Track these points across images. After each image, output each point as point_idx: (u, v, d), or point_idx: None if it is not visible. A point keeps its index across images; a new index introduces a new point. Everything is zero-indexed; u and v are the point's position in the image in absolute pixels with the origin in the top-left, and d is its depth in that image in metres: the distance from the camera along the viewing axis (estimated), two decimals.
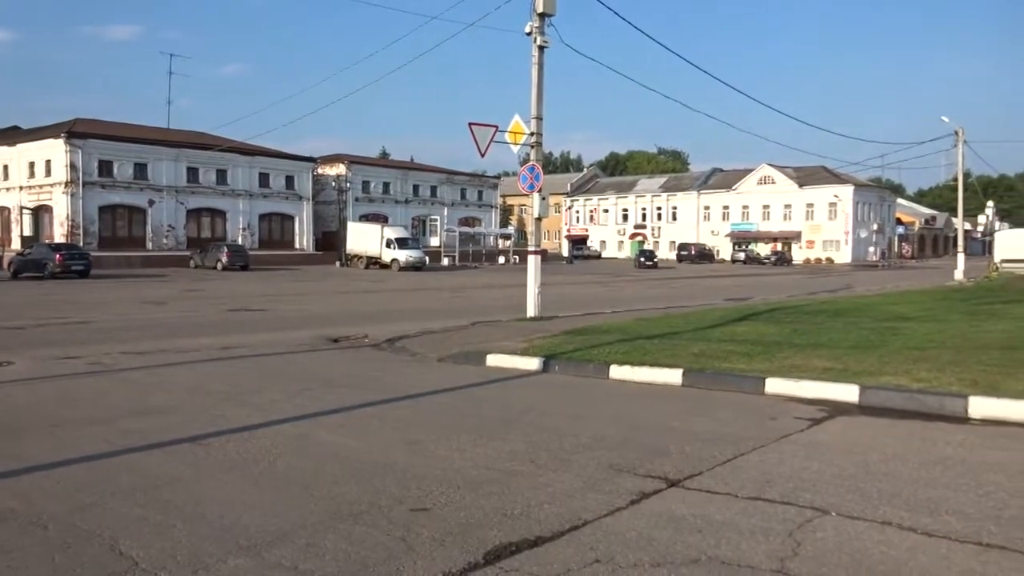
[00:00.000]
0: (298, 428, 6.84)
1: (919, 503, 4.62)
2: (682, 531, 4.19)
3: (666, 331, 13.08)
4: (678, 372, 8.97)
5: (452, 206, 74.78)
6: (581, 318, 16.44)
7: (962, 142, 41.50)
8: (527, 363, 10.30)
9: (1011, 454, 5.73)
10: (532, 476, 5.25)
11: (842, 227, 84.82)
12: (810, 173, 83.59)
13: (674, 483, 5.08)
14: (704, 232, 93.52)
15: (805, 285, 36.50)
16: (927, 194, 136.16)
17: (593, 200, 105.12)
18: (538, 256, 16.62)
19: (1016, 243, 45.56)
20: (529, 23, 15.76)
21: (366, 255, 53.54)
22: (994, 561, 3.76)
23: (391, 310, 21.13)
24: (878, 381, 8.00)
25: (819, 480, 5.11)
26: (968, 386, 7.57)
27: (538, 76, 15.91)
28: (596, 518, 4.40)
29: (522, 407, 7.73)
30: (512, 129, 16.05)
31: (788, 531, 4.18)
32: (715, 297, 26.23)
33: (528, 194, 16.57)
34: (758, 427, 6.71)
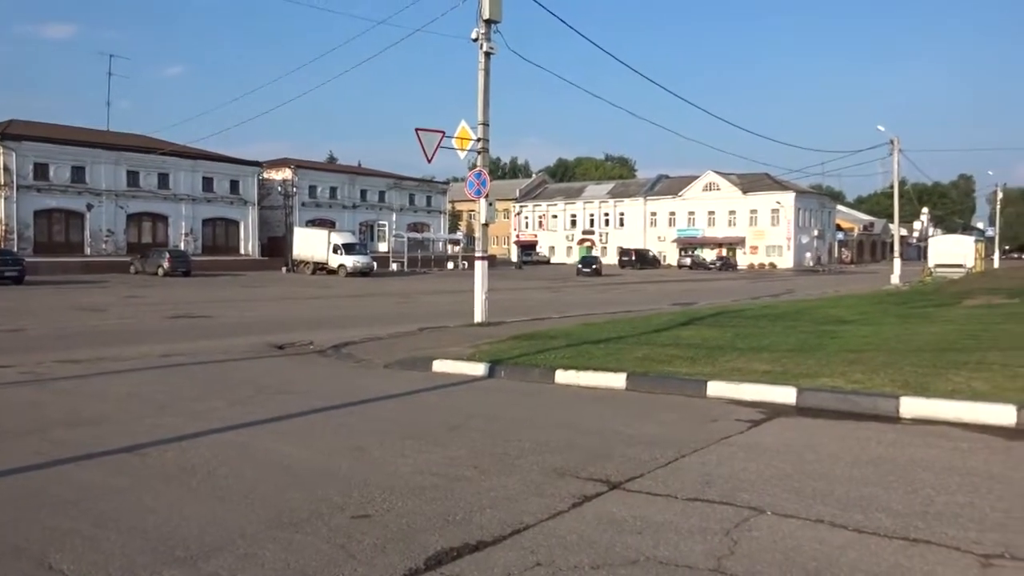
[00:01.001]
0: (240, 436, 6.73)
1: (851, 501, 4.75)
2: (622, 533, 4.24)
3: (612, 336, 13.21)
4: (622, 376, 9.07)
5: (400, 211, 74.35)
6: (528, 323, 16.52)
7: (897, 151, 42.84)
8: (473, 369, 10.30)
9: (938, 452, 5.92)
10: (475, 481, 5.25)
11: (784, 233, 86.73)
12: (754, 180, 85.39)
13: (616, 486, 5.13)
14: (651, 237, 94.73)
15: (749, 290, 37.22)
16: (866, 201, 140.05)
17: (542, 206, 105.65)
18: (485, 262, 16.65)
19: (948, 249, 47.25)
20: (475, 29, 15.81)
21: (313, 261, 52.95)
22: (920, 555, 3.89)
23: (338, 316, 20.93)
24: (815, 383, 8.20)
25: (756, 480, 5.22)
26: (900, 387, 7.81)
27: (484, 82, 15.95)
28: (538, 522, 4.43)
29: (467, 413, 7.73)
30: (459, 135, 16.06)
31: (725, 530, 4.27)
32: (661, 302, 26.59)
33: (475, 200, 16.59)
34: (699, 429, 6.82)
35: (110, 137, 58.33)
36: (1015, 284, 24.03)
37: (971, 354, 9.79)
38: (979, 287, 24.58)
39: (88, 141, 54.02)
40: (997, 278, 30.55)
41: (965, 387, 7.66)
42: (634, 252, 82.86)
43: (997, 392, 7.36)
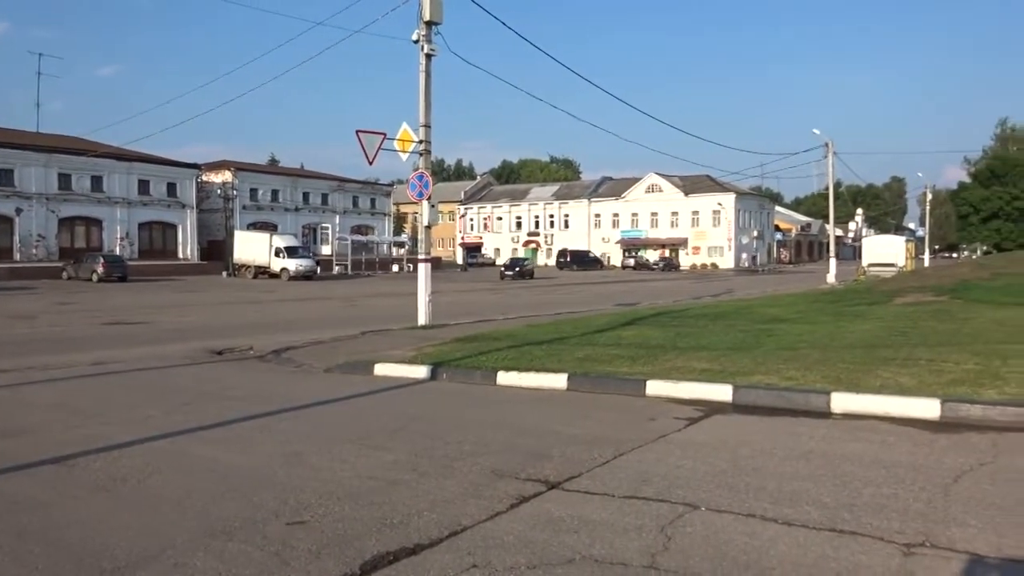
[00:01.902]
0: (174, 444, 6.58)
1: (782, 495, 4.86)
2: (559, 532, 4.27)
3: (554, 336, 13.29)
4: (563, 377, 9.13)
5: (344, 214, 73.58)
6: (472, 325, 16.51)
7: (832, 153, 44.04)
8: (415, 371, 10.26)
9: (866, 446, 6.11)
10: (414, 484, 5.23)
11: (725, 234, 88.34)
12: (695, 182, 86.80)
13: (554, 485, 5.17)
14: (596, 239, 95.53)
15: (691, 290, 37.81)
16: (803, 202, 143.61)
17: (487, 208, 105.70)
18: (428, 264, 16.60)
19: (881, 248, 48.69)
20: (416, 31, 15.76)
21: (254, 264, 52.08)
22: (845, 546, 4.01)
23: (279, 320, 20.61)
24: (751, 380, 8.38)
25: (692, 477, 5.31)
26: (832, 383, 8.02)
27: (426, 84, 15.91)
28: (476, 523, 4.43)
29: (408, 416, 7.70)
30: (401, 137, 15.99)
31: (660, 527, 4.33)
32: (605, 302, 26.83)
33: (418, 202, 16.53)
34: (638, 428, 6.91)
35: (40, 139, 56.48)
36: (943, 282, 24.89)
37: (899, 350, 10.11)
38: (909, 285, 25.39)
39: (16, 143, 52.15)
40: (926, 277, 31.60)
41: (893, 382, 7.91)
42: (570, 253, 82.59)
43: (922, 387, 7.62)
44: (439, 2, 15.67)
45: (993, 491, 4.87)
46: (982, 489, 4.91)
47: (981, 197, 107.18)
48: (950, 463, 5.52)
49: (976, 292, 20.21)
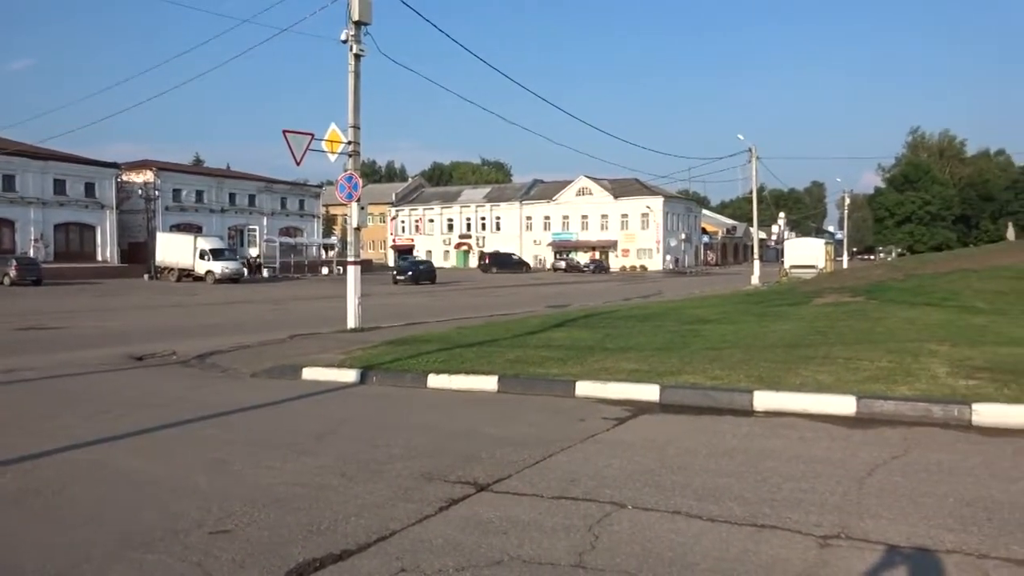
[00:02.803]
0: (91, 454, 6.35)
1: (707, 492, 4.98)
2: (488, 534, 4.28)
3: (486, 339, 13.31)
4: (494, 379, 9.16)
5: (272, 216, 72.17)
6: (403, 328, 16.41)
7: (755, 158, 45.27)
8: (344, 375, 10.14)
9: (787, 442, 6.30)
10: (342, 489, 5.17)
11: (654, 236, 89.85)
12: (624, 185, 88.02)
13: (483, 487, 5.18)
14: (527, 241, 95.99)
15: (620, 291, 38.31)
16: (728, 206, 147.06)
17: (418, 210, 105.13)
18: (358, 267, 16.41)
19: (802, 251, 50.21)
20: (345, 31, 15.58)
21: (178, 267, 50.69)
22: (766, 540, 4.13)
23: (204, 325, 20.07)
24: (677, 380, 8.55)
25: (620, 476, 5.38)
26: (754, 382, 8.24)
27: (355, 84, 15.74)
28: (404, 527, 4.41)
29: (336, 420, 7.60)
30: (329, 138, 15.77)
31: (588, 526, 4.38)
32: (537, 304, 26.98)
33: (347, 204, 16.34)
34: (567, 429, 6.97)
35: None
36: (859, 283, 25.83)
37: (818, 349, 10.46)
38: (828, 287, 26.26)
39: None
40: (844, 278, 32.75)
41: (812, 380, 8.18)
42: (491, 256, 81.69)
43: (840, 384, 7.90)
44: (368, 2, 15.53)
45: (904, 483, 5.08)
46: (894, 482, 5.12)
47: (895, 201, 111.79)
48: (864, 457, 5.73)
49: (890, 293, 21.03)
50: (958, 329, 12.24)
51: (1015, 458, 5.68)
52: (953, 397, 7.14)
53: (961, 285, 21.15)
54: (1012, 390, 7.28)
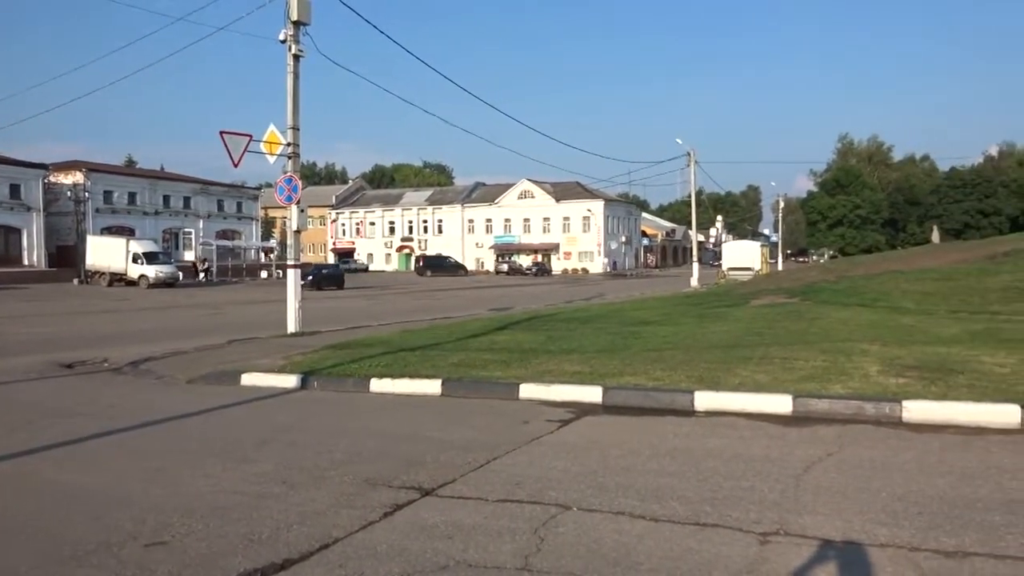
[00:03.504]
0: (18, 466, 6.11)
1: (649, 492, 5.03)
2: (433, 539, 4.25)
3: (429, 342, 13.24)
4: (437, 382, 9.11)
5: (209, 218, 70.54)
6: (344, 332, 16.22)
7: (694, 162, 46.09)
8: (284, 381, 9.96)
9: (727, 441, 6.41)
10: (283, 497, 5.08)
11: (595, 239, 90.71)
12: (566, 188, 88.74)
13: (428, 492, 5.14)
14: (469, 244, 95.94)
15: (563, 294, 38.54)
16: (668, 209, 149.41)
17: (359, 213, 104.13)
18: (298, 270, 16.19)
19: (739, 253, 51.29)
20: (284, 30, 15.36)
21: (109, 271, 49.16)
22: (708, 538, 4.19)
23: (137, 330, 19.51)
24: (619, 382, 8.63)
25: (564, 478, 5.41)
26: (695, 382, 8.37)
27: (294, 85, 15.52)
28: (348, 534, 4.35)
29: (277, 426, 7.46)
30: (268, 139, 15.53)
31: (533, 529, 4.39)
32: (479, 307, 26.96)
33: (287, 206, 16.10)
34: (511, 431, 6.97)
35: None
36: (794, 285, 26.50)
37: (756, 350, 10.68)
38: (764, 288, 26.88)
39: None
40: (780, 280, 33.56)
41: (750, 380, 8.34)
42: (423, 259, 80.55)
43: (776, 384, 8.08)
44: (306, 2, 15.34)
45: (839, 479, 5.22)
46: (829, 478, 5.26)
47: (827, 205, 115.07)
48: (801, 455, 5.87)
49: (823, 294, 21.62)
50: (888, 329, 12.65)
51: (942, 453, 5.88)
52: (884, 395, 7.36)
53: (890, 286, 21.86)
54: (939, 387, 7.55)
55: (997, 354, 9.39)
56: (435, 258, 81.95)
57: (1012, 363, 8.73)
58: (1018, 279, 21.08)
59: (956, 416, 6.82)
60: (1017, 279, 21.10)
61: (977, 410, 6.80)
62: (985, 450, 5.93)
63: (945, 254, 32.33)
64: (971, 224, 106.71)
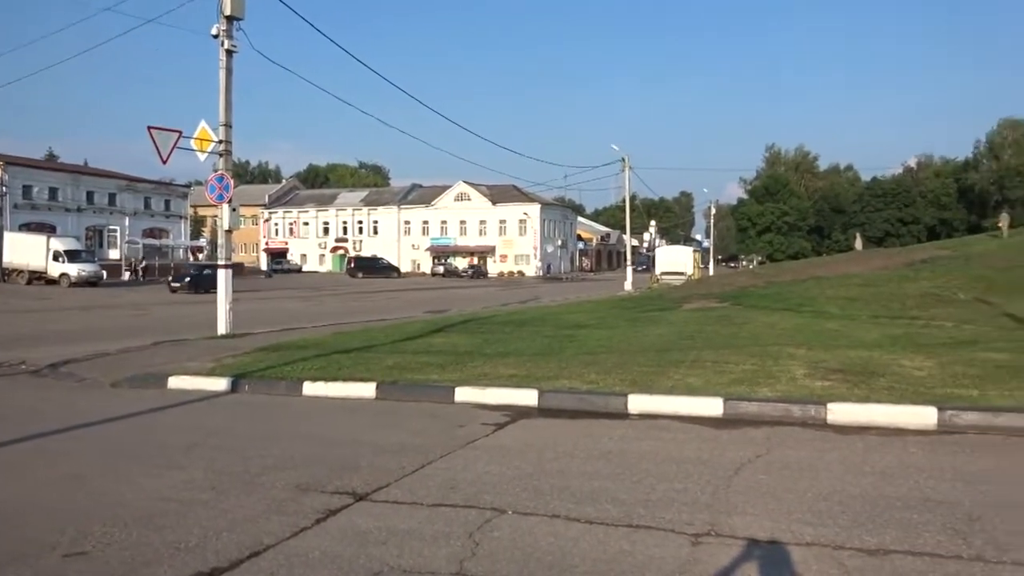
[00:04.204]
0: None
1: (584, 495, 5.07)
2: (366, 544, 4.20)
3: (364, 344, 13.10)
4: (372, 386, 9.02)
5: (135, 216, 68.28)
6: (277, 334, 15.91)
7: (628, 168, 46.74)
8: (214, 384, 9.72)
9: (660, 444, 6.51)
10: (212, 504, 4.95)
11: (531, 242, 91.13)
12: (502, 191, 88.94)
13: (362, 497, 5.08)
14: (405, 246, 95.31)
15: (498, 297, 38.62)
16: (603, 213, 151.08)
17: (293, 213, 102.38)
18: (229, 270, 15.82)
19: (671, 258, 52.18)
20: (216, 25, 15.00)
21: (28, 269, 47.29)
22: (641, 540, 4.24)
23: (58, 331, 18.79)
24: (555, 385, 8.67)
25: (499, 481, 5.40)
26: (628, 385, 8.48)
27: (226, 81, 15.18)
28: (279, 541, 4.26)
29: (206, 431, 7.27)
30: (199, 136, 15.15)
31: (468, 533, 4.37)
32: (416, 310, 26.81)
33: (218, 205, 15.73)
34: (447, 435, 6.94)
35: None
36: (724, 290, 27.10)
37: (688, 353, 10.87)
38: (696, 293, 27.41)
39: None
40: (711, 285, 34.29)
41: (682, 383, 8.49)
42: (356, 261, 79.55)
43: (708, 386, 8.24)
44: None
45: (768, 480, 5.35)
46: (758, 479, 5.38)
47: (757, 212, 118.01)
48: (732, 456, 6.00)
49: (752, 299, 22.17)
50: (814, 333, 13.03)
51: (864, 454, 6.08)
52: (810, 397, 7.58)
53: (816, 292, 22.55)
54: (862, 390, 7.82)
55: (915, 358, 9.77)
56: (367, 259, 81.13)
57: (929, 366, 9.10)
58: (935, 286, 21.99)
59: (877, 418, 7.06)
60: (934, 286, 22.01)
61: (897, 412, 7.06)
62: (904, 450, 6.16)
63: (867, 261, 33.51)
64: (891, 232, 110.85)
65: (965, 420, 6.85)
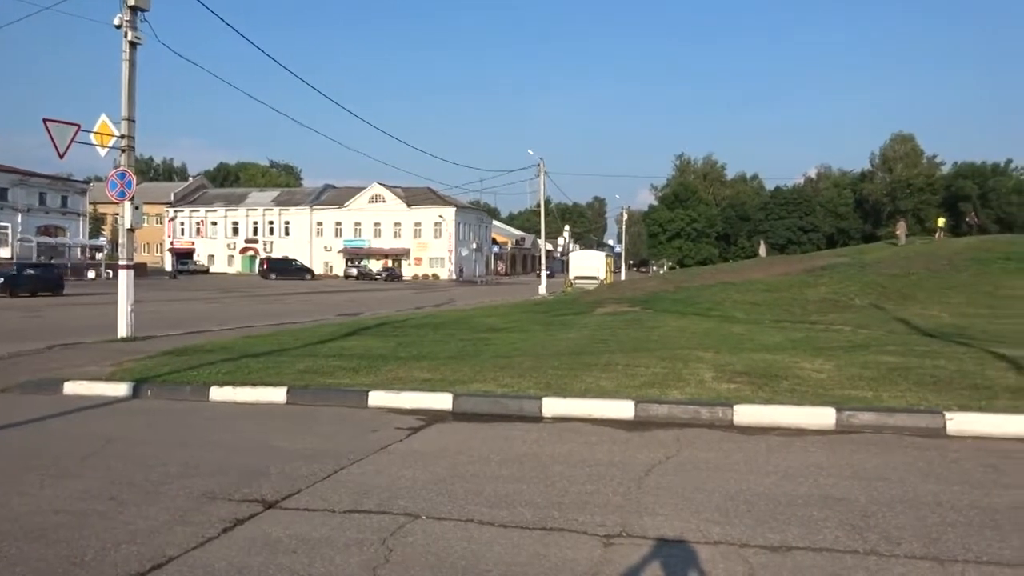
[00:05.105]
0: None
1: (498, 499, 5.08)
2: (276, 554, 4.10)
3: (274, 348, 12.79)
4: (282, 390, 8.81)
5: (28, 212, 65.06)
6: (182, 337, 15.38)
7: (543, 172, 47.15)
8: (114, 389, 9.31)
9: (573, 446, 6.58)
10: (111, 515, 4.73)
11: (446, 245, 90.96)
12: (417, 194, 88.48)
13: (271, 505, 4.95)
14: (318, 247, 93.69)
15: (413, 300, 38.36)
16: (517, 217, 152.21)
17: (200, 212, 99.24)
18: (131, 270, 15.20)
19: (585, 263, 53.02)
20: (119, 15, 14.41)
21: None
22: (554, 542, 4.28)
23: None
24: (469, 388, 8.66)
25: (413, 487, 5.36)
26: (543, 389, 8.54)
27: (130, 74, 14.59)
28: (183, 552, 4.11)
29: (104, 438, 6.95)
30: (99, 130, 14.51)
31: (382, 539, 4.32)
32: (329, 313, 26.34)
33: (119, 202, 15.10)
34: (360, 440, 6.84)
35: None
36: (636, 294, 27.67)
37: (601, 356, 11.04)
38: (609, 297, 27.89)
39: None
40: (623, 289, 34.92)
41: (595, 386, 8.61)
42: (268, 262, 78.26)
43: (620, 390, 8.38)
44: None
45: (677, 481, 5.48)
46: (668, 480, 5.51)
47: (667, 218, 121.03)
48: (643, 458, 6.12)
49: (663, 303, 22.71)
50: (721, 337, 13.43)
51: (768, 454, 6.30)
52: (717, 400, 7.80)
53: (722, 297, 23.27)
54: (766, 392, 8.10)
55: (815, 361, 10.18)
56: (280, 261, 79.45)
57: (828, 369, 9.50)
58: (833, 291, 23.01)
59: (780, 419, 7.33)
60: (832, 291, 23.03)
61: (798, 413, 7.34)
62: (805, 450, 6.41)
63: (771, 267, 34.77)
64: (793, 240, 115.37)
65: (861, 420, 7.18)
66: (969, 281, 24.79)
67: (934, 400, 7.60)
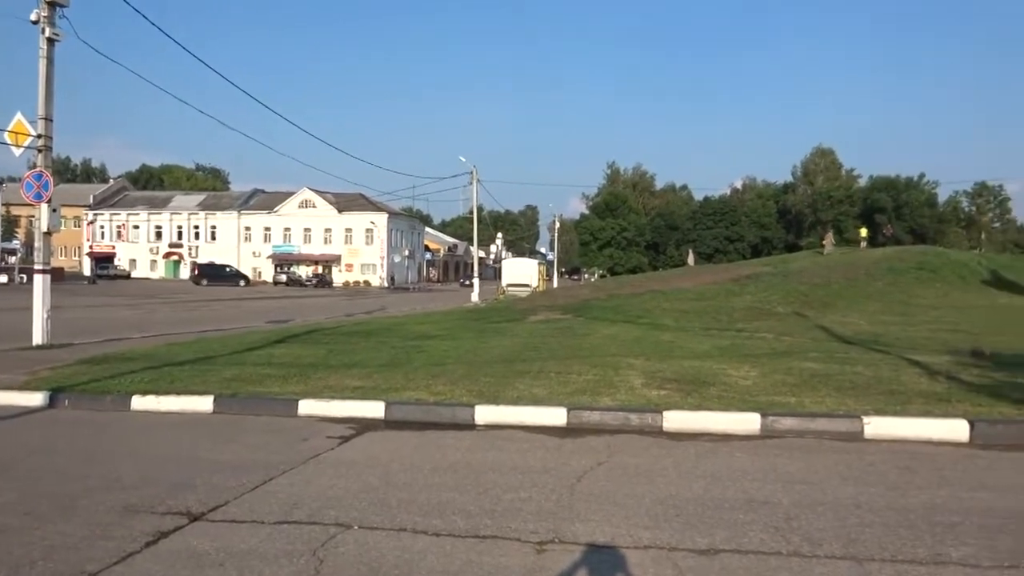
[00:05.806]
0: None
1: (431, 507, 5.06)
2: (203, 567, 4.00)
3: (199, 356, 12.46)
4: (209, 399, 8.59)
5: None
6: (101, 345, 14.85)
7: (476, 180, 47.22)
8: (28, 399, 8.93)
9: (506, 454, 6.60)
10: (26, 531, 4.54)
11: (378, 252, 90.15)
12: (349, 200, 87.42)
13: (197, 517, 4.83)
14: (246, 253, 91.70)
15: (344, 307, 37.83)
16: (450, 224, 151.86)
17: (121, 215, 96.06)
18: (47, 275, 14.60)
19: (518, 270, 53.13)
20: (37, 11, 13.87)
21: None
22: (488, 551, 4.29)
23: None
24: (402, 396, 8.60)
25: (344, 496, 5.30)
26: (475, 396, 8.54)
27: (47, 71, 14.04)
28: (103, 568, 3.98)
29: (18, 451, 6.67)
30: (13, 129, 13.92)
31: (312, 550, 4.26)
32: (257, 319, 25.77)
33: (35, 204, 14.51)
34: (290, 449, 6.73)
35: None
36: (568, 302, 27.91)
37: (533, 364, 11.10)
38: (541, 304, 28.06)
39: None
40: (555, 297, 35.20)
41: (528, 394, 8.65)
42: (201, 267, 76.31)
43: (552, 397, 8.45)
44: None
45: (609, 487, 5.55)
46: (600, 486, 5.58)
47: (598, 227, 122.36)
48: (575, 465, 6.18)
49: (594, 311, 22.96)
50: (651, 344, 13.66)
51: (697, 459, 6.43)
52: (647, 406, 7.93)
53: (652, 305, 23.68)
54: (694, 398, 8.27)
55: (741, 367, 10.45)
56: (213, 266, 77.46)
57: (754, 375, 9.76)
58: (758, 300, 23.66)
59: (708, 425, 7.50)
60: (757, 300, 23.68)
61: (725, 419, 7.52)
62: (731, 455, 6.57)
63: (698, 276, 35.55)
64: (720, 249, 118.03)
65: (784, 425, 7.39)
66: (884, 290, 25.85)
67: (852, 405, 7.89)
